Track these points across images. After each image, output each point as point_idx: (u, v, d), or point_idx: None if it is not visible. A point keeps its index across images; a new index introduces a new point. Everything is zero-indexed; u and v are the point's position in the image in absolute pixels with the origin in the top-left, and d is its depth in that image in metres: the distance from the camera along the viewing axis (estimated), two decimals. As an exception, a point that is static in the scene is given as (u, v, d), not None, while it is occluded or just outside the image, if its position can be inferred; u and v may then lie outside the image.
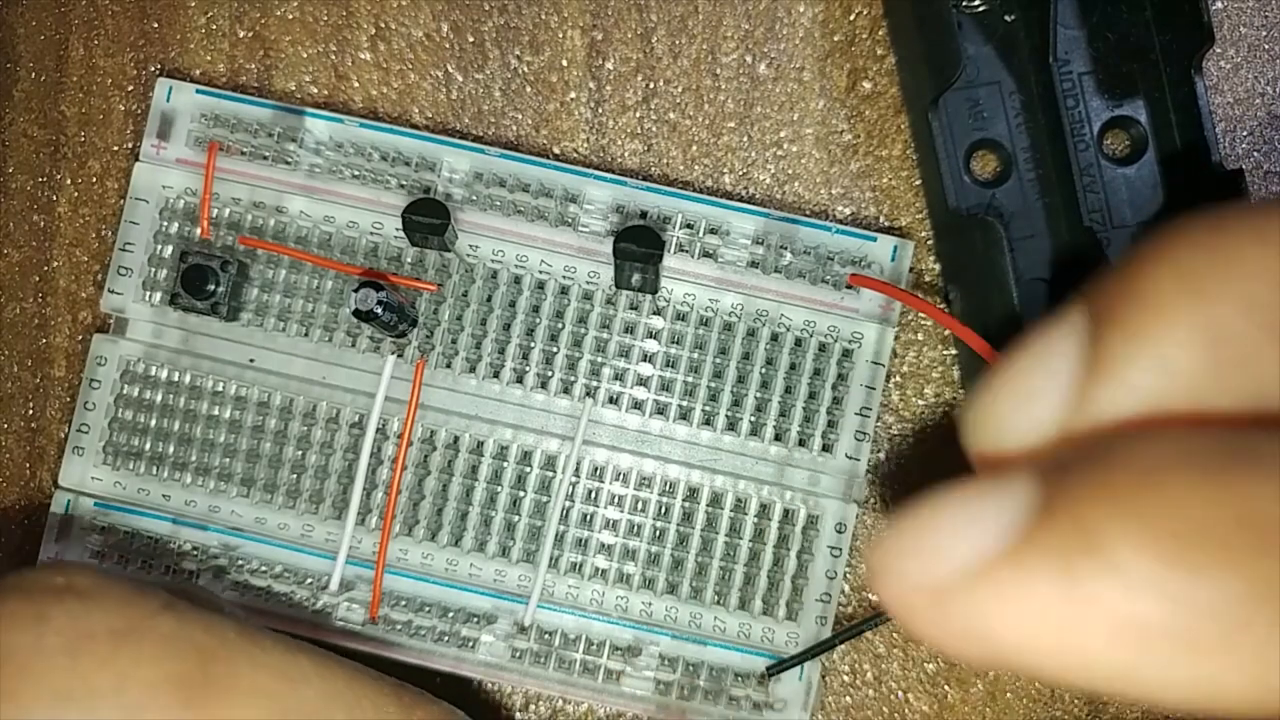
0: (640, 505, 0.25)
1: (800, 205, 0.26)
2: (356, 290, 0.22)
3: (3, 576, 0.18)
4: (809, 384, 0.25)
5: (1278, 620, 0.09)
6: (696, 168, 0.26)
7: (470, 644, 0.24)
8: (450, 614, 0.24)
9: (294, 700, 0.18)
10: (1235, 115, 0.26)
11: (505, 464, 0.25)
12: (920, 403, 0.26)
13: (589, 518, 0.25)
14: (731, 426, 0.25)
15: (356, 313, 0.22)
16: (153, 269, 0.25)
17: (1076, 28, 0.25)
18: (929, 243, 0.26)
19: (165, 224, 0.25)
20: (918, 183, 0.26)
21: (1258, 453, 0.10)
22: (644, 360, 0.25)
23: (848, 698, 0.25)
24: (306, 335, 0.25)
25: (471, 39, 0.26)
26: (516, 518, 0.25)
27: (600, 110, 0.26)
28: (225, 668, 0.17)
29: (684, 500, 0.25)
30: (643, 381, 0.25)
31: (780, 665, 0.24)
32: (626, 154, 0.26)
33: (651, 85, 0.26)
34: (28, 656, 0.16)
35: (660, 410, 0.25)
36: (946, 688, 0.25)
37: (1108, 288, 0.12)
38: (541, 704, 0.26)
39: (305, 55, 0.26)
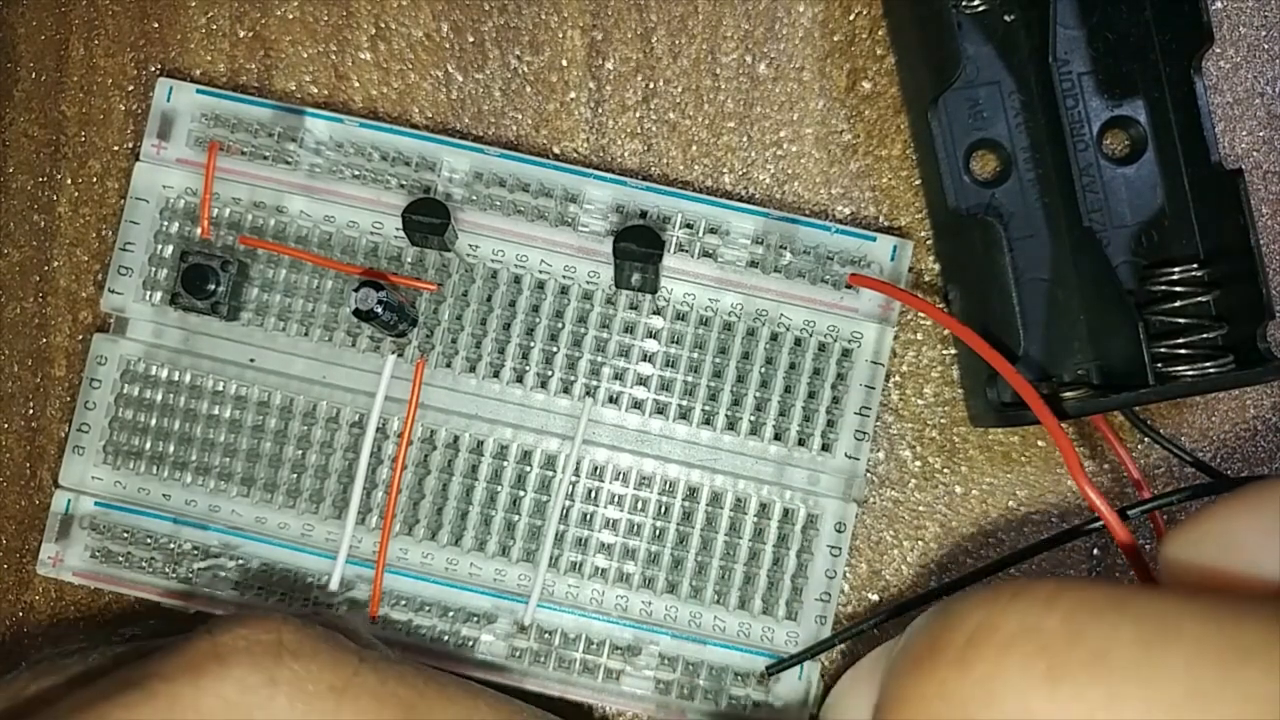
0: (640, 504, 0.25)
1: (800, 205, 0.26)
2: (356, 290, 0.22)
3: (212, 634, 0.19)
4: (808, 383, 0.25)
5: None
6: (696, 168, 0.26)
7: (470, 643, 0.24)
8: (450, 613, 0.24)
9: None
10: (1235, 115, 0.26)
11: (505, 463, 0.25)
12: (920, 402, 0.26)
13: (589, 517, 0.25)
14: (731, 426, 0.25)
15: (356, 312, 0.22)
16: (153, 269, 0.25)
17: (1076, 28, 0.25)
18: (928, 243, 0.26)
19: (165, 224, 0.25)
20: (917, 183, 0.26)
21: None
22: (644, 360, 0.25)
23: (847, 697, 0.25)
24: (306, 335, 0.25)
25: (471, 39, 0.26)
26: (516, 517, 0.25)
27: (600, 110, 0.26)
28: (423, 716, 0.19)
29: (684, 500, 0.25)
30: (642, 381, 0.25)
31: (780, 664, 0.24)
32: (626, 154, 0.26)
33: (651, 85, 0.26)
34: (265, 717, 0.18)
35: (660, 410, 0.25)
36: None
37: None
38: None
39: (305, 55, 0.26)
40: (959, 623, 0.14)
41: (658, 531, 0.25)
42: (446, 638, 0.24)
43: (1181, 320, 0.24)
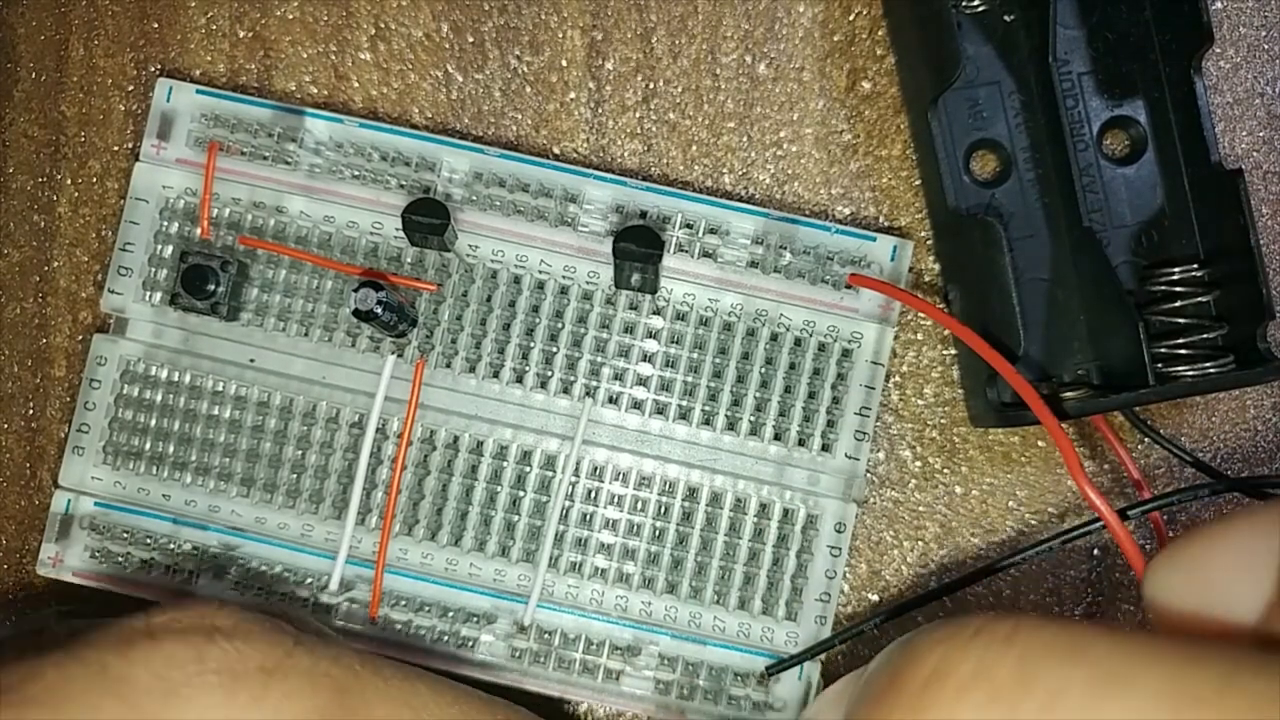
0: (640, 505, 0.25)
1: (800, 205, 0.26)
2: (356, 290, 0.22)
3: (147, 614, 0.20)
4: (808, 384, 0.25)
5: None
6: (696, 168, 0.26)
7: (470, 644, 0.24)
8: (450, 613, 0.24)
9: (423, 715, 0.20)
10: (1235, 115, 0.26)
11: (505, 464, 0.25)
12: (920, 403, 0.26)
13: (588, 517, 0.25)
14: (731, 426, 0.25)
15: (356, 313, 0.22)
16: (153, 269, 0.25)
17: (1076, 28, 0.25)
18: (929, 243, 0.26)
19: (165, 224, 0.25)
20: (917, 183, 0.26)
21: None
22: (643, 360, 0.25)
23: (847, 697, 0.25)
24: (306, 335, 0.25)
25: (471, 39, 0.26)
26: (516, 517, 0.25)
27: (600, 110, 0.26)
28: (358, 699, 0.19)
29: (683, 500, 0.25)
30: (642, 381, 0.25)
31: (780, 665, 0.24)
32: (626, 154, 0.26)
33: (651, 85, 0.26)
34: (192, 692, 0.18)
35: (660, 410, 0.25)
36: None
37: None
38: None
39: (305, 55, 0.26)
40: (919, 661, 0.14)
41: (657, 532, 0.25)
42: (446, 638, 0.24)
43: (1181, 320, 0.24)
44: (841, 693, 0.20)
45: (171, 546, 0.25)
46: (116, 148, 0.26)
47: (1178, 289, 0.24)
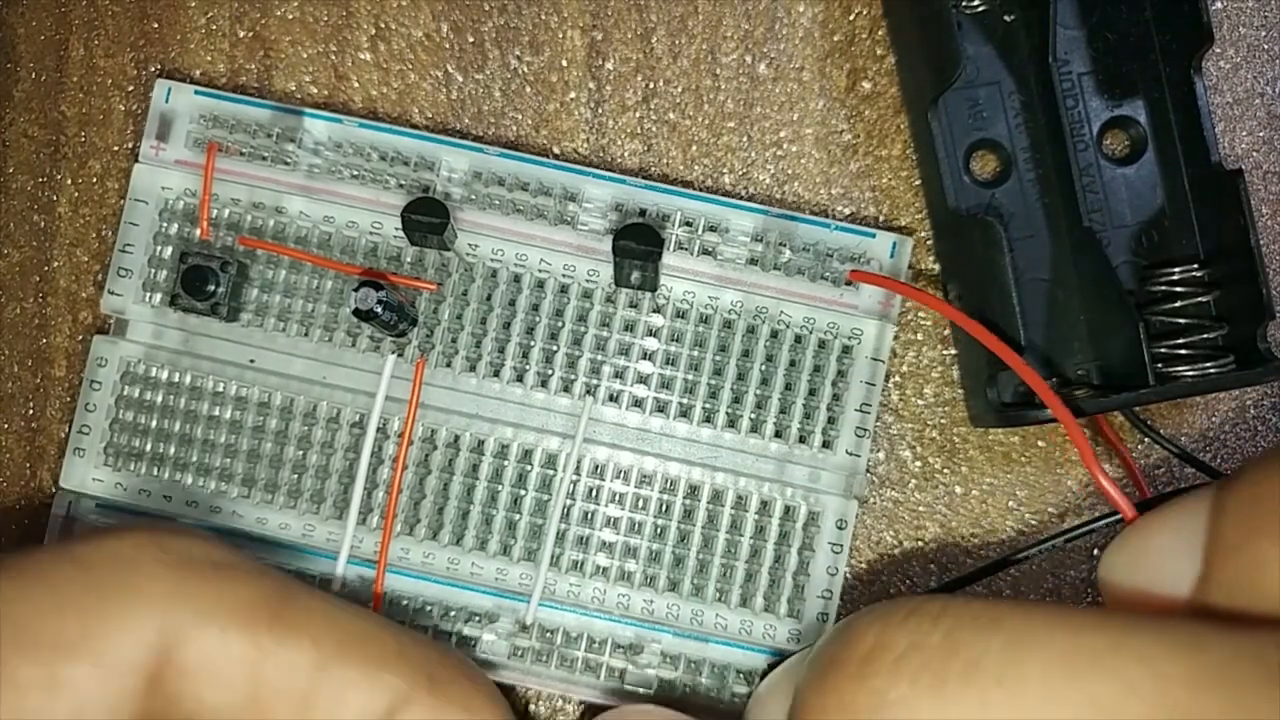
0: (641, 503, 0.25)
1: (800, 205, 0.26)
2: (356, 290, 0.22)
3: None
4: (809, 380, 0.25)
5: None
6: (696, 168, 0.26)
7: (472, 643, 0.24)
8: (452, 613, 0.24)
9: (350, 623, 0.21)
10: (1235, 115, 0.26)
11: (506, 462, 0.25)
12: (920, 403, 0.26)
13: (590, 515, 0.25)
14: (732, 423, 0.25)
15: (356, 312, 0.22)
16: (153, 270, 0.25)
17: (1076, 28, 0.25)
18: (928, 243, 0.26)
19: (165, 225, 0.25)
20: (917, 183, 0.26)
21: None
22: (644, 358, 0.25)
23: (848, 696, 0.25)
24: (306, 335, 0.25)
25: (471, 39, 0.26)
26: (517, 516, 0.25)
27: (600, 110, 0.26)
28: (296, 598, 0.21)
29: (685, 497, 0.25)
30: (643, 379, 0.25)
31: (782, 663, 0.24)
32: (626, 154, 0.26)
33: (651, 85, 0.26)
34: (151, 568, 0.20)
35: (660, 408, 0.25)
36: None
37: (1238, 487, 0.15)
38: (542, 703, 0.26)
39: (305, 55, 0.26)
40: (858, 640, 0.16)
41: (659, 529, 0.25)
42: (448, 637, 0.24)
43: (1182, 320, 0.24)
44: (789, 673, 0.21)
45: (172, 546, 0.25)
46: (116, 148, 0.26)
47: (1178, 289, 0.24)
